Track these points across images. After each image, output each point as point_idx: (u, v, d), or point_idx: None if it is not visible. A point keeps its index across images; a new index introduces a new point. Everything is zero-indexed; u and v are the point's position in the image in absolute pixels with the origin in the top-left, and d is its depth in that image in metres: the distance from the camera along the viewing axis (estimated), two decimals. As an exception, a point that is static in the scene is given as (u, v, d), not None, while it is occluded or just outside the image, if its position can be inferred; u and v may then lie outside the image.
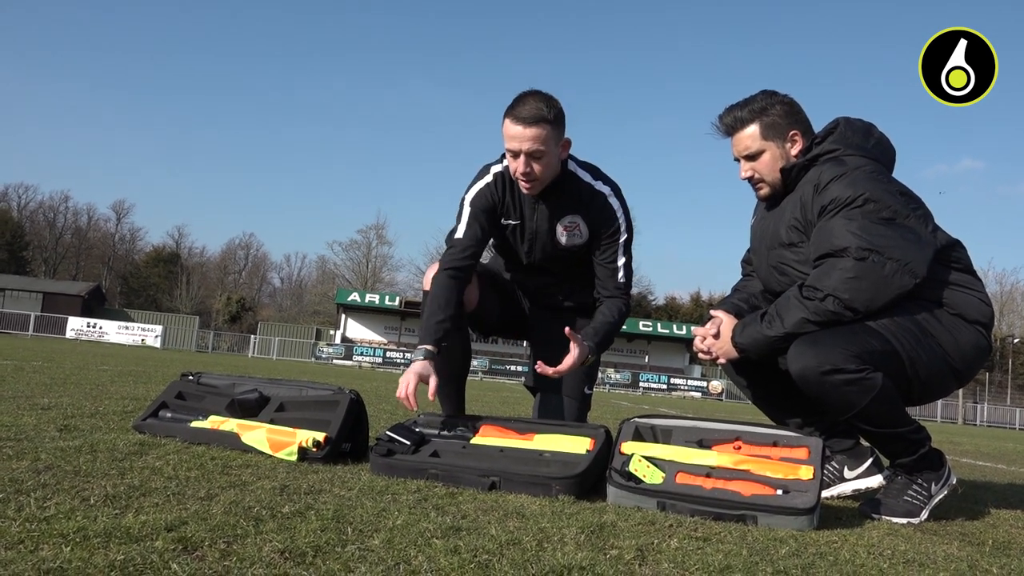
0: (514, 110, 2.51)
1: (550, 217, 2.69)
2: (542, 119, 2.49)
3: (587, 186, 2.68)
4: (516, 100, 2.54)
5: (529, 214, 2.71)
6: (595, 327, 2.64)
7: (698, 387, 38.73)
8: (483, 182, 2.72)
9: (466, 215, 2.70)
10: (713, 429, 2.30)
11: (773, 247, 2.48)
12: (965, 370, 2.28)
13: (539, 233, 2.72)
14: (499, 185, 2.71)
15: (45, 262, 61.88)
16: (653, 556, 1.48)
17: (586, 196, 2.68)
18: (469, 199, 2.71)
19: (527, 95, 2.54)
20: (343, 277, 56.18)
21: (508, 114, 2.53)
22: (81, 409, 3.19)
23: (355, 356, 36.67)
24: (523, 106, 2.50)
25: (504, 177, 2.70)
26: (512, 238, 2.79)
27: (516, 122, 2.50)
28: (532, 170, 2.54)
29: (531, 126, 2.48)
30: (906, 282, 2.16)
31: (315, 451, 2.28)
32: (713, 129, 2.53)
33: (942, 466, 2.31)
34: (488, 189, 2.71)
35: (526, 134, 2.49)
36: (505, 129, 2.54)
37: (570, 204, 2.68)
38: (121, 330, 34.93)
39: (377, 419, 4.07)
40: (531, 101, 2.51)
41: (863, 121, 2.44)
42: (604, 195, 2.68)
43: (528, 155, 2.52)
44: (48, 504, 1.46)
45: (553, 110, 2.52)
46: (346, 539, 1.40)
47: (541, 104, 2.51)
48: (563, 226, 2.69)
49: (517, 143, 2.51)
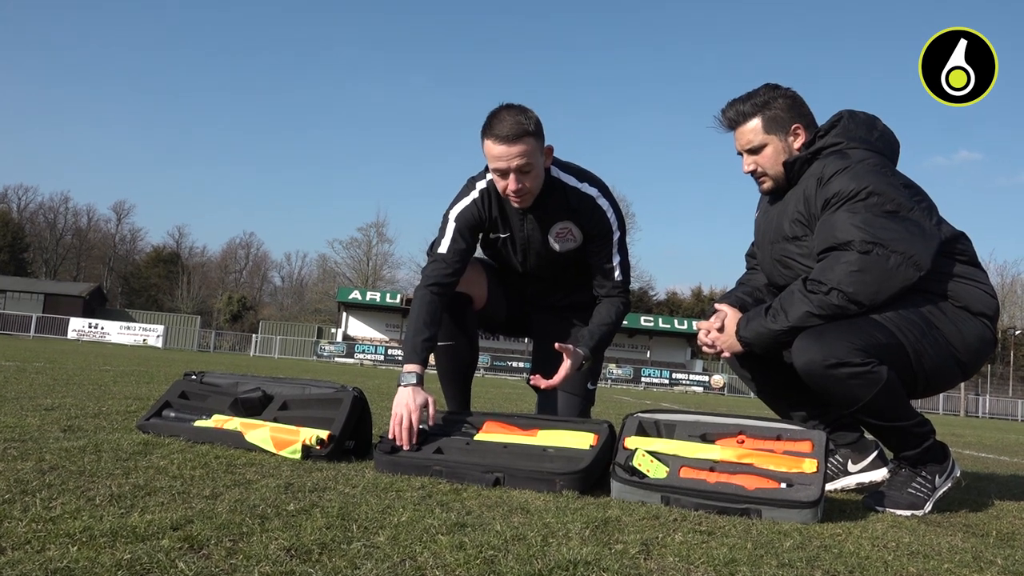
0: (494, 129, 2.43)
1: (541, 226, 2.66)
2: (525, 133, 2.43)
3: (573, 190, 2.63)
4: (492, 119, 2.46)
5: (518, 225, 2.67)
6: (591, 331, 2.63)
7: (700, 382, 38.76)
8: (468, 199, 2.65)
9: (450, 230, 2.63)
10: (716, 423, 2.30)
11: (776, 241, 2.48)
12: (970, 363, 2.28)
13: (531, 243, 2.69)
14: (485, 201, 2.65)
15: (46, 263, 61.91)
16: (658, 550, 1.48)
17: (574, 201, 2.63)
18: (454, 215, 2.65)
19: (502, 111, 2.46)
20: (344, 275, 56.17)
21: (488, 135, 2.45)
22: (85, 409, 3.19)
23: (357, 354, 36.70)
24: (502, 124, 2.42)
25: (490, 193, 2.65)
26: (504, 250, 2.76)
27: (499, 141, 2.42)
28: (524, 186, 2.49)
29: (515, 143, 2.42)
30: (910, 275, 2.16)
31: (319, 449, 2.28)
32: (716, 123, 2.53)
33: (946, 459, 2.31)
34: (474, 206, 2.65)
35: (512, 151, 2.42)
36: (488, 150, 2.47)
37: (559, 211, 2.64)
38: (123, 330, 34.97)
39: (380, 417, 4.07)
40: (509, 117, 2.43)
41: (867, 114, 2.43)
42: (592, 197, 2.64)
43: (517, 171, 2.46)
44: (54, 504, 1.46)
45: (532, 121, 2.45)
46: (351, 536, 1.40)
47: (520, 118, 2.44)
48: (555, 233, 2.66)
49: (505, 162, 2.44)
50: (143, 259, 65.84)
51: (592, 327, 2.65)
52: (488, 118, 2.48)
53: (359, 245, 56.62)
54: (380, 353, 36.77)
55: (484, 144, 2.48)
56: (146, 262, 64.92)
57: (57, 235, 64.09)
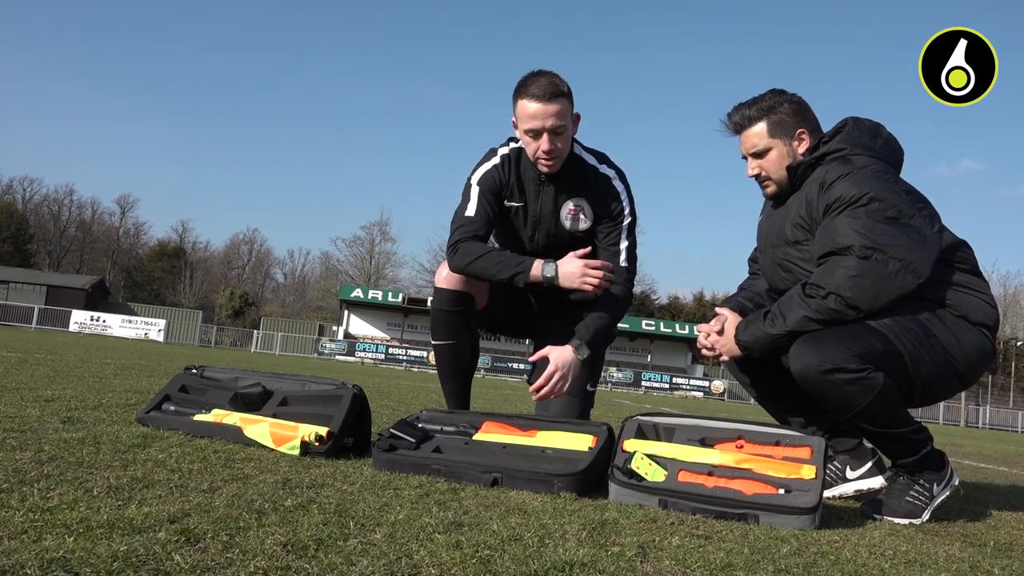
0: (529, 89, 2.51)
1: (555, 199, 2.70)
2: (559, 93, 2.51)
3: (592, 168, 2.70)
4: (527, 80, 2.53)
5: (533, 196, 2.72)
6: (587, 323, 2.62)
7: (700, 387, 38.71)
8: (490, 163, 2.73)
9: (475, 194, 2.69)
10: (716, 428, 2.30)
11: (778, 245, 2.48)
12: (968, 372, 2.28)
13: (543, 216, 2.73)
14: (505, 167, 2.71)
15: (49, 255, 62.06)
16: (655, 553, 1.48)
17: (591, 179, 2.69)
18: (476, 179, 2.71)
19: (536, 74, 2.54)
20: (346, 273, 56.27)
21: (524, 94, 2.52)
22: (84, 401, 3.19)
23: (358, 352, 36.71)
24: (538, 83, 2.50)
25: (511, 159, 2.71)
26: (516, 221, 2.79)
27: (536, 99, 2.49)
28: (556, 147, 2.55)
29: (551, 102, 2.49)
30: (909, 282, 2.16)
31: (317, 445, 2.28)
32: (721, 127, 2.53)
33: (944, 467, 2.30)
34: (495, 170, 2.71)
35: (548, 110, 2.49)
36: (521, 110, 2.53)
37: (575, 187, 2.69)
38: (124, 324, 35.02)
39: (379, 414, 4.08)
40: (544, 78, 2.52)
41: (871, 121, 2.43)
42: (609, 178, 2.70)
43: (551, 132, 2.52)
44: (51, 495, 1.46)
45: (566, 84, 2.55)
46: (348, 533, 1.40)
47: (555, 79, 2.52)
48: (568, 209, 2.70)
49: (540, 121, 2.50)
50: (146, 253, 65.98)
51: (589, 319, 2.63)
52: (522, 80, 2.55)
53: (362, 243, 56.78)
54: (381, 352, 36.78)
55: (518, 105, 2.55)
56: (149, 256, 65.06)
57: (61, 227, 64.25)
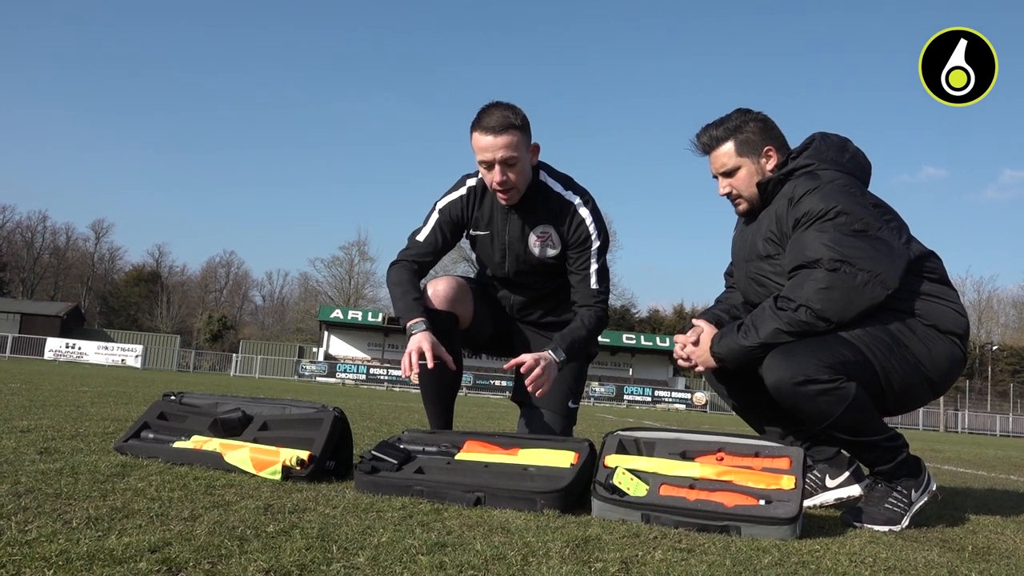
0: (481, 122, 2.57)
1: (522, 228, 2.74)
2: (510, 126, 2.55)
3: (557, 196, 2.73)
4: (481, 113, 2.59)
5: (500, 225, 2.76)
6: (563, 334, 2.66)
7: (682, 399, 38.85)
8: (456, 194, 2.79)
9: (433, 220, 2.79)
10: (696, 441, 2.32)
11: (751, 259, 2.52)
12: (940, 380, 2.32)
13: (511, 244, 2.77)
14: (471, 198, 2.77)
15: (23, 283, 61.09)
16: (638, 568, 1.49)
17: (556, 206, 2.72)
18: (440, 207, 2.80)
19: (491, 107, 2.60)
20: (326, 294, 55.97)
21: (476, 127, 2.58)
22: (61, 431, 3.15)
23: (338, 373, 36.46)
24: (490, 117, 2.56)
25: (476, 191, 2.77)
26: (486, 249, 2.83)
27: (486, 132, 2.55)
28: (508, 178, 2.59)
29: (501, 134, 2.54)
30: (878, 293, 2.21)
31: (299, 469, 2.27)
32: (691, 147, 2.58)
33: (921, 472, 2.34)
34: (460, 201, 2.78)
35: (497, 143, 2.54)
36: (475, 142, 2.59)
37: (542, 215, 2.73)
38: (101, 350, 34.53)
39: (361, 436, 4.06)
40: (496, 111, 2.57)
41: (839, 136, 2.49)
42: (574, 205, 2.72)
43: (502, 163, 2.57)
44: (30, 528, 1.44)
45: (519, 116, 2.59)
46: (331, 557, 1.39)
47: (507, 112, 2.57)
48: (536, 236, 2.74)
49: (490, 153, 2.56)
50: (122, 278, 65.15)
51: (566, 330, 2.69)
52: (477, 113, 2.61)
53: (341, 264, 56.55)
54: (362, 372, 36.56)
55: (472, 137, 2.61)
56: (125, 281, 64.24)
57: (35, 254, 63.31)
